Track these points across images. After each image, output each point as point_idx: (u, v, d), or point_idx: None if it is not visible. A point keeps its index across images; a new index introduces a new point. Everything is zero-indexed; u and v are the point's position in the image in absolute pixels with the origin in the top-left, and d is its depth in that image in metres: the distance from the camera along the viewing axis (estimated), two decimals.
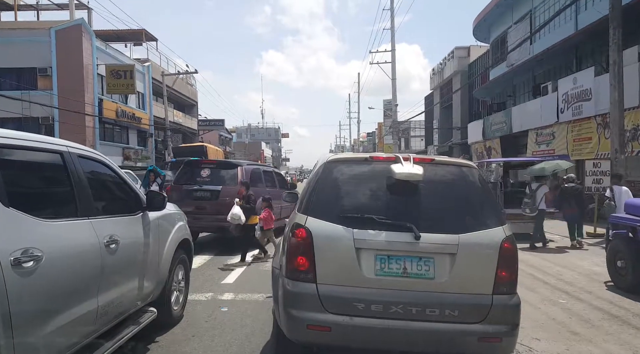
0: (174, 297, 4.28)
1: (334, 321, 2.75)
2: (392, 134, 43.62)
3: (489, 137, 23.35)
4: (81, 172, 2.93)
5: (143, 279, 3.56)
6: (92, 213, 2.94)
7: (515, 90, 23.73)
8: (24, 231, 2.31)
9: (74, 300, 2.63)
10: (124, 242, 3.20)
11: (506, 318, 2.78)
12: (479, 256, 2.81)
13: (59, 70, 24.44)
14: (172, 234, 4.17)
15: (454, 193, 3.04)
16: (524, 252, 8.51)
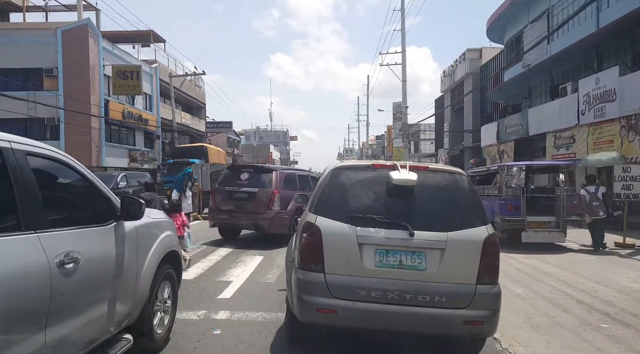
0: (158, 319, 3.68)
1: (339, 305, 3.18)
2: (402, 137, 42.99)
3: (503, 140, 22.57)
4: (29, 174, 2.37)
5: (115, 302, 2.99)
6: (41, 225, 2.38)
7: (532, 91, 22.94)
8: None
9: (5, 339, 2.06)
10: (87, 260, 2.63)
11: (488, 304, 3.20)
12: (464, 251, 3.23)
13: (65, 71, 24.26)
14: (154, 246, 3.57)
15: (445, 196, 3.46)
16: (548, 264, 7.82)
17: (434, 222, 3.30)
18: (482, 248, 3.25)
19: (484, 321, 3.19)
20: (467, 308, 3.17)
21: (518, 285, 6.40)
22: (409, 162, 3.61)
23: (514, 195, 9.19)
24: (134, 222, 3.25)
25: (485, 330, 3.29)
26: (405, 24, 35.76)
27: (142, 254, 3.38)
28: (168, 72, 33.28)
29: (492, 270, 3.31)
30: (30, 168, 2.38)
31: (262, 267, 7.03)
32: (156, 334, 3.62)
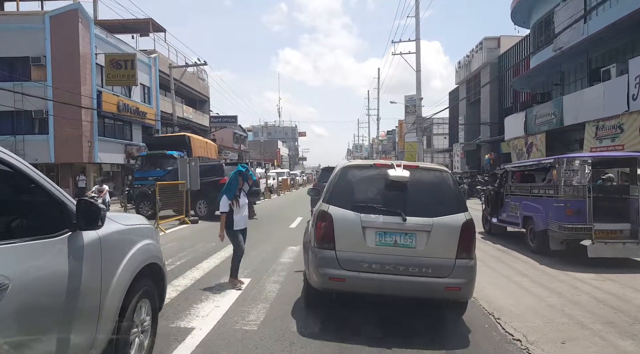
0: (135, 344, 3.00)
1: (347, 275, 4.07)
2: (416, 131, 40.85)
3: (532, 132, 20.38)
4: None
5: (69, 331, 2.31)
6: None
7: (564, 77, 20.69)
8: None
9: None
10: (22, 284, 1.97)
11: (465, 274, 4.04)
12: (446, 233, 4.07)
13: (54, 60, 22.57)
14: (127, 258, 2.86)
15: (431, 189, 4.34)
16: (635, 290, 5.75)
17: (423, 210, 4.12)
18: (461, 231, 4.07)
19: (462, 287, 4.03)
20: (448, 277, 4.00)
21: (605, 323, 4.38)
22: (403, 162, 4.45)
23: (576, 196, 7.13)
24: (98, 231, 2.58)
25: (463, 294, 4.13)
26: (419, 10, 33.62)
27: (108, 270, 2.69)
28: (168, 63, 31.44)
29: (468, 247, 4.11)
30: None
31: (244, 298, 5.05)
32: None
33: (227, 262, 7.07)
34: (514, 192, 9.16)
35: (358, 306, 4.76)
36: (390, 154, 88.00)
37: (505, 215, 9.45)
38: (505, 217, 9.46)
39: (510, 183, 9.37)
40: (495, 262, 7.34)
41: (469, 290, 4.12)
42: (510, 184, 9.34)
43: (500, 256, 7.96)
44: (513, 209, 9.04)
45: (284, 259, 7.34)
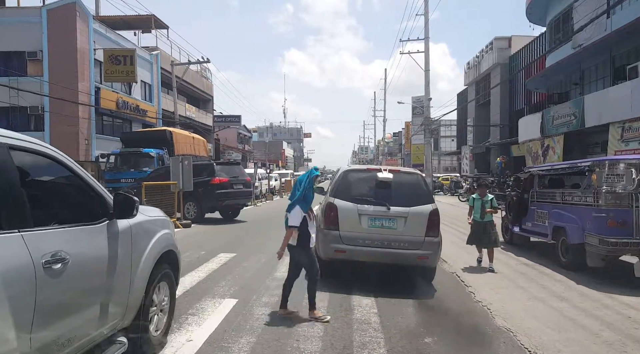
0: (155, 321, 3.48)
1: (347, 248, 5.59)
2: (424, 132, 39.81)
3: (549, 134, 19.31)
4: (12, 169, 2.20)
5: (108, 303, 2.78)
6: (25, 224, 2.20)
7: (584, 76, 19.60)
8: None
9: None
10: (77, 260, 2.44)
11: (431, 247, 5.55)
12: (418, 218, 5.58)
13: (51, 55, 21.81)
14: (150, 245, 3.33)
15: (408, 187, 5.91)
16: None
17: (401, 202, 5.69)
18: (428, 217, 5.63)
19: (429, 257, 5.59)
20: (419, 249, 5.55)
21: None
22: (389, 167, 6.35)
23: (621, 205, 6.11)
24: (129, 220, 3.06)
25: (430, 262, 5.71)
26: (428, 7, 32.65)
27: (137, 254, 3.17)
28: (170, 60, 30.64)
29: (434, 229, 5.64)
30: (13, 163, 2.23)
31: (225, 329, 4.06)
32: (152, 337, 3.42)
33: (215, 275, 6.13)
34: (541, 199, 8.14)
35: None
36: (396, 157, 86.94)
37: (530, 224, 8.42)
38: (530, 226, 8.44)
39: (537, 188, 8.34)
40: (525, 281, 6.33)
41: (434, 259, 5.74)
42: (537, 190, 8.32)
43: (528, 272, 6.95)
44: (540, 218, 8.02)
45: (280, 272, 6.37)
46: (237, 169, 13.48)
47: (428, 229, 5.59)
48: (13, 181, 2.19)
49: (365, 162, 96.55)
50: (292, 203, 4.47)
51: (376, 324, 4.35)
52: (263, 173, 26.89)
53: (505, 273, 6.83)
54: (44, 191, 2.77)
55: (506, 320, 4.56)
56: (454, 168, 63.00)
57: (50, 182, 2.80)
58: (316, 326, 4.22)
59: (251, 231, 11.18)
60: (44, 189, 2.77)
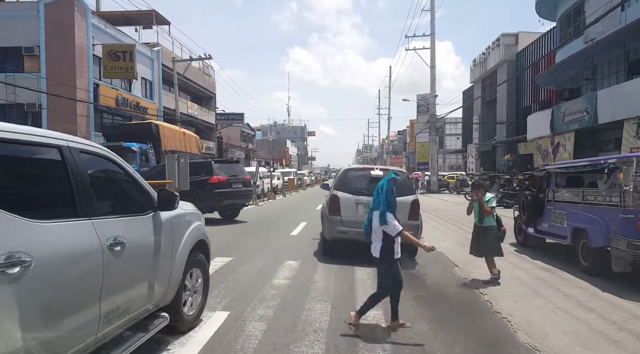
0: (189, 301, 3.98)
1: (347, 230, 7.05)
2: (429, 130, 39.25)
3: (560, 131, 18.72)
4: (83, 168, 2.68)
5: (154, 282, 3.27)
6: (94, 213, 2.69)
7: (597, 71, 18.97)
8: (9, 234, 2.07)
9: (70, 308, 2.39)
10: (131, 244, 2.95)
11: (412, 228, 6.69)
12: (403, 206, 6.54)
13: (48, 50, 21.37)
14: (186, 234, 3.88)
15: (400, 183, 5.65)
16: None
17: None
18: (410, 205, 7.10)
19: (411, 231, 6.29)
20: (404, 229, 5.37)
21: None
22: (380, 166, 7.97)
23: None
24: (169, 212, 3.58)
25: None
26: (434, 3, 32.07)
27: (176, 242, 3.66)
28: (171, 57, 30.20)
29: (415, 214, 7.17)
30: (83, 164, 2.70)
31: (212, 349, 3.55)
32: (187, 316, 3.88)
33: None
34: (558, 198, 7.59)
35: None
36: (401, 155, 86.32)
37: (547, 225, 7.88)
38: (546, 227, 7.90)
39: (554, 187, 7.80)
40: (545, 288, 5.80)
41: (417, 231, 7.07)
42: (554, 189, 7.77)
43: (548, 278, 6.41)
44: (557, 219, 7.48)
45: (279, 279, 5.87)
46: (236, 168, 12.99)
47: (410, 214, 7.18)
48: (84, 179, 2.65)
49: (369, 160, 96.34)
50: (381, 213, 4.11)
51: None
52: (265, 171, 26.35)
53: (522, 278, 6.31)
54: (105, 186, 3.20)
55: (530, 336, 4.05)
56: (459, 166, 62.42)
57: (109, 180, 3.23)
58: (315, 345, 3.71)
59: (251, 232, 10.69)
60: (105, 185, 3.20)
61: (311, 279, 5.87)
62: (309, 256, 7.54)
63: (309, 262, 7.00)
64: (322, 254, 7.67)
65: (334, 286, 5.57)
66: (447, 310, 4.86)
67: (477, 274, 6.51)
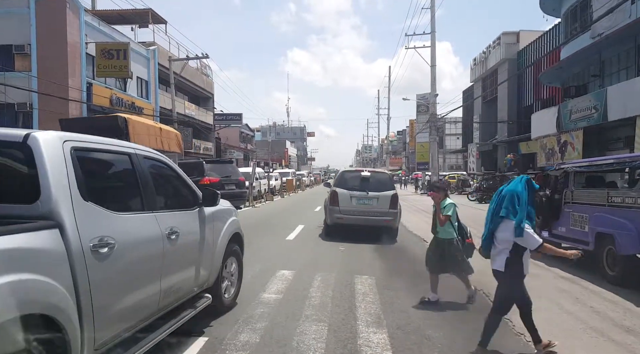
0: (225, 286, 4.52)
1: (344, 216, 9.53)
2: (429, 129, 38.66)
3: (566, 129, 18.09)
4: (146, 171, 3.26)
5: (199, 267, 3.82)
6: (155, 208, 3.25)
7: (605, 67, 18.36)
8: (100, 222, 2.60)
9: (140, 283, 2.93)
10: (183, 234, 3.47)
11: (392, 215, 9.45)
12: (385, 198, 9.43)
13: (40, 49, 20.68)
14: (224, 227, 4.46)
15: (379, 180, 9.90)
16: None
17: (375, 189, 9.48)
18: (391, 198, 9.40)
19: (391, 221, 9.39)
20: (385, 216, 9.30)
21: None
22: (368, 169, 11.64)
23: None
24: (211, 208, 4.18)
25: (392, 224, 9.46)
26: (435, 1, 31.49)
27: (216, 233, 4.27)
28: (168, 56, 29.58)
29: (394, 205, 9.43)
30: (146, 167, 3.29)
31: None
32: (225, 298, 4.49)
33: None
34: (578, 200, 6.95)
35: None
36: (401, 155, 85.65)
37: (564, 229, 7.24)
38: (564, 231, 7.26)
39: (572, 188, 7.15)
40: (571, 302, 5.16)
41: (395, 222, 9.56)
42: (573, 189, 7.13)
43: (570, 289, 5.78)
44: (577, 222, 6.84)
45: (269, 294, 5.23)
46: (229, 168, 12.40)
47: (390, 204, 9.49)
48: (147, 179, 3.21)
49: (369, 160, 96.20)
50: (518, 223, 3.43)
51: None
52: (261, 172, 25.68)
53: (542, 289, 5.66)
54: (162, 186, 3.61)
55: None
56: (459, 166, 61.92)
57: (165, 180, 3.72)
58: None
59: None
60: (162, 184, 3.62)
61: (306, 293, 5.23)
62: (304, 265, 6.91)
63: (305, 272, 6.36)
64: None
65: (332, 301, 4.93)
66: (463, 324, 4.23)
67: (489, 283, 5.87)
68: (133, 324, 2.82)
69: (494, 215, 3.60)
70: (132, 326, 2.82)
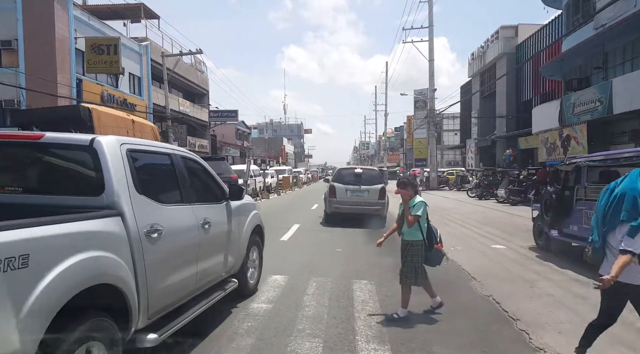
0: (250, 273, 5.05)
1: (340, 206, 11.62)
2: (427, 125, 38.20)
3: (569, 123, 17.65)
4: (183, 169, 3.76)
5: (228, 254, 4.35)
6: (191, 201, 3.74)
7: (608, 59, 17.90)
8: (151, 212, 3.07)
9: (181, 265, 3.39)
10: (214, 224, 3.97)
11: (381, 205, 11.56)
12: (375, 191, 11.55)
13: (27, 44, 20.05)
14: (248, 220, 4.96)
15: (370, 175, 12.15)
16: None
17: (367, 183, 11.60)
18: (379, 190, 11.52)
19: (380, 210, 11.49)
20: (375, 206, 11.44)
21: None
22: (360, 166, 13.99)
23: None
24: (236, 202, 4.67)
25: (381, 213, 11.50)
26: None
27: (241, 225, 4.77)
28: (161, 52, 28.99)
29: (383, 195, 11.52)
30: (183, 165, 3.78)
31: None
32: (249, 283, 5.01)
33: None
34: (592, 197, 6.48)
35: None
36: (398, 152, 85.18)
37: (577, 228, 6.78)
38: (577, 231, 6.79)
39: (586, 184, 6.69)
40: (592, 311, 4.66)
41: (383, 211, 11.53)
42: (586, 185, 6.66)
43: (589, 295, 5.24)
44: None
45: (258, 303, 4.74)
46: (221, 166, 11.91)
47: (379, 196, 11.43)
48: (184, 176, 3.77)
49: (366, 157, 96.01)
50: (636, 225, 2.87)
51: None
52: (256, 169, 25.17)
53: (557, 295, 5.20)
54: (195, 181, 4.11)
55: None
56: (457, 162, 61.54)
57: (198, 177, 4.22)
58: None
59: None
60: (196, 181, 4.14)
61: (299, 302, 4.75)
62: (299, 268, 6.42)
63: (299, 277, 5.88)
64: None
65: (328, 312, 4.45)
66: (470, 340, 3.76)
67: (499, 287, 5.41)
68: (176, 299, 3.32)
69: (608, 216, 3.09)
70: (175, 302, 3.32)
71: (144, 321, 2.85)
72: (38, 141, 2.94)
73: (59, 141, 2.98)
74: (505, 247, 8.43)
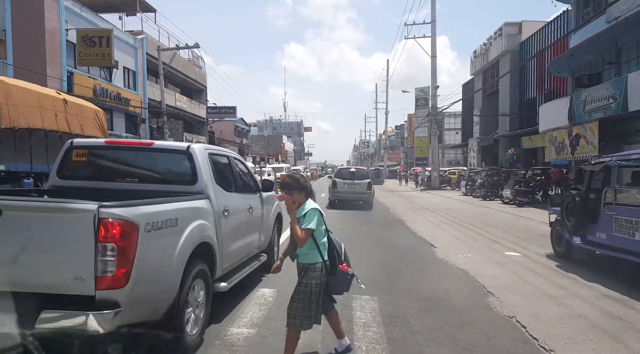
0: (276, 250, 6.44)
1: (339, 195, 17.41)
2: (429, 123, 37.49)
3: (580, 121, 16.88)
4: (235, 167, 5.18)
5: (261, 234, 5.60)
6: (241, 191, 5.07)
7: (621, 53, 17.12)
8: (223, 197, 4.34)
9: (238, 236, 4.65)
10: (254, 209, 5.30)
11: (369, 193, 17.27)
12: (364, 184, 17.21)
13: (16, 35, 19.31)
14: (273, 209, 6.25)
15: (361, 174, 18.06)
16: None
17: (359, 178, 17.35)
18: (367, 183, 17.15)
19: (367, 196, 17.22)
20: (364, 194, 17.17)
21: None
22: (355, 166, 23.76)
23: None
24: (265, 193, 5.90)
25: (369, 199, 17.26)
26: None
27: (268, 211, 6.01)
28: (157, 46, 28.22)
29: (370, 187, 17.12)
30: (234, 164, 5.19)
31: None
32: (274, 260, 5.77)
33: None
34: (624, 201, 5.74)
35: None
36: (399, 150, 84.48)
37: (605, 236, 6.03)
38: (604, 238, 6.05)
39: (616, 186, 5.93)
40: (632, 335, 3.95)
41: (370, 197, 17.24)
42: (617, 188, 5.91)
43: (625, 315, 4.55)
44: (623, 228, 5.64)
45: (240, 327, 3.98)
46: None
47: (367, 187, 16.80)
48: (236, 172, 5.16)
49: (366, 156, 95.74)
50: None
51: None
52: (252, 167, 24.45)
53: (591, 317, 4.46)
54: (241, 176, 5.38)
55: None
56: (458, 162, 60.83)
57: (242, 173, 5.46)
58: None
59: None
60: (241, 175, 5.40)
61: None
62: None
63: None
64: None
65: (323, 338, 3.70)
66: None
67: (522, 307, 4.67)
68: (234, 261, 4.57)
69: None
70: (234, 263, 4.57)
71: (219, 273, 4.07)
72: (150, 147, 4.36)
73: (164, 146, 4.44)
74: (520, 254, 7.69)
